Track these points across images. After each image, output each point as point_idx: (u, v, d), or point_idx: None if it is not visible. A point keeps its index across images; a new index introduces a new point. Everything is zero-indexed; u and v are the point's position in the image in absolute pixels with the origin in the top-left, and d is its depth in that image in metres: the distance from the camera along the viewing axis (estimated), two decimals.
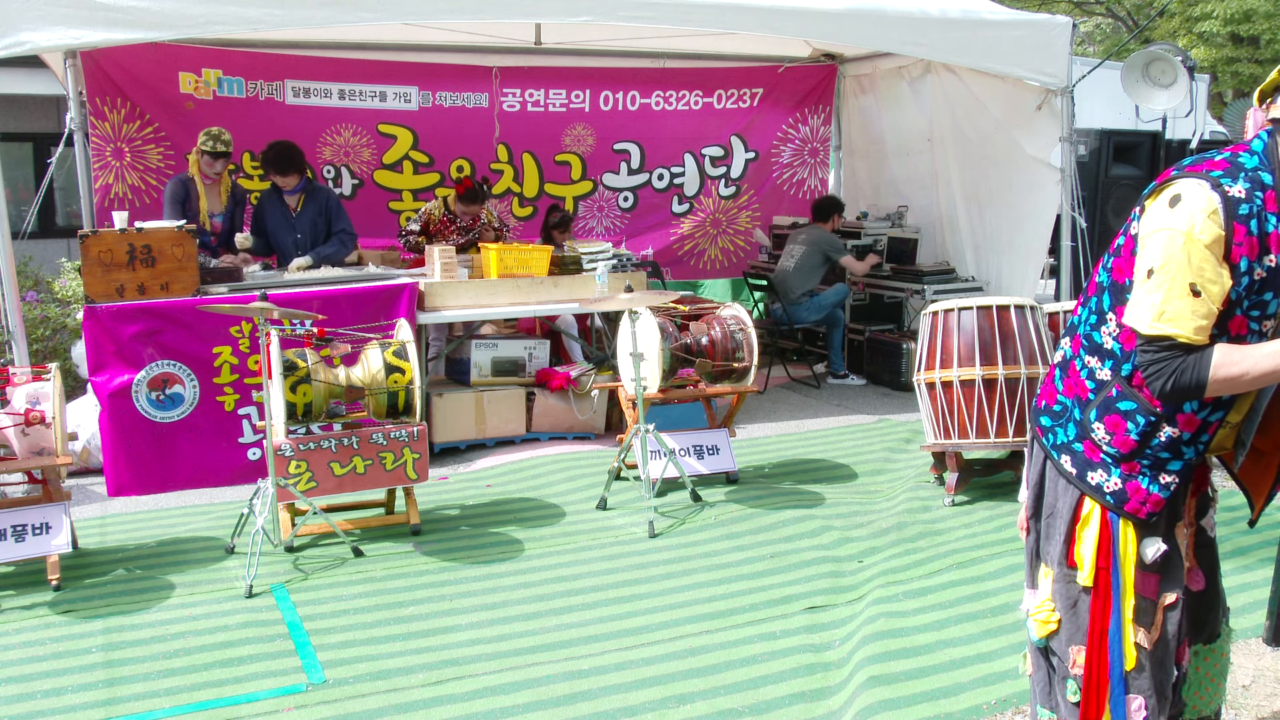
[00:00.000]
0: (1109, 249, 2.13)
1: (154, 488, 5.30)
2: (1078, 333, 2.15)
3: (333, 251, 6.23)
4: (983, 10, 6.42)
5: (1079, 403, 2.14)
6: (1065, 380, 2.17)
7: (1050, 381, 2.21)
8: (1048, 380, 2.23)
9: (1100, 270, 2.13)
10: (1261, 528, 4.61)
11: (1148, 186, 2.06)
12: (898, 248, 8.06)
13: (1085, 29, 21.59)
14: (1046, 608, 2.20)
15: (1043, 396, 2.23)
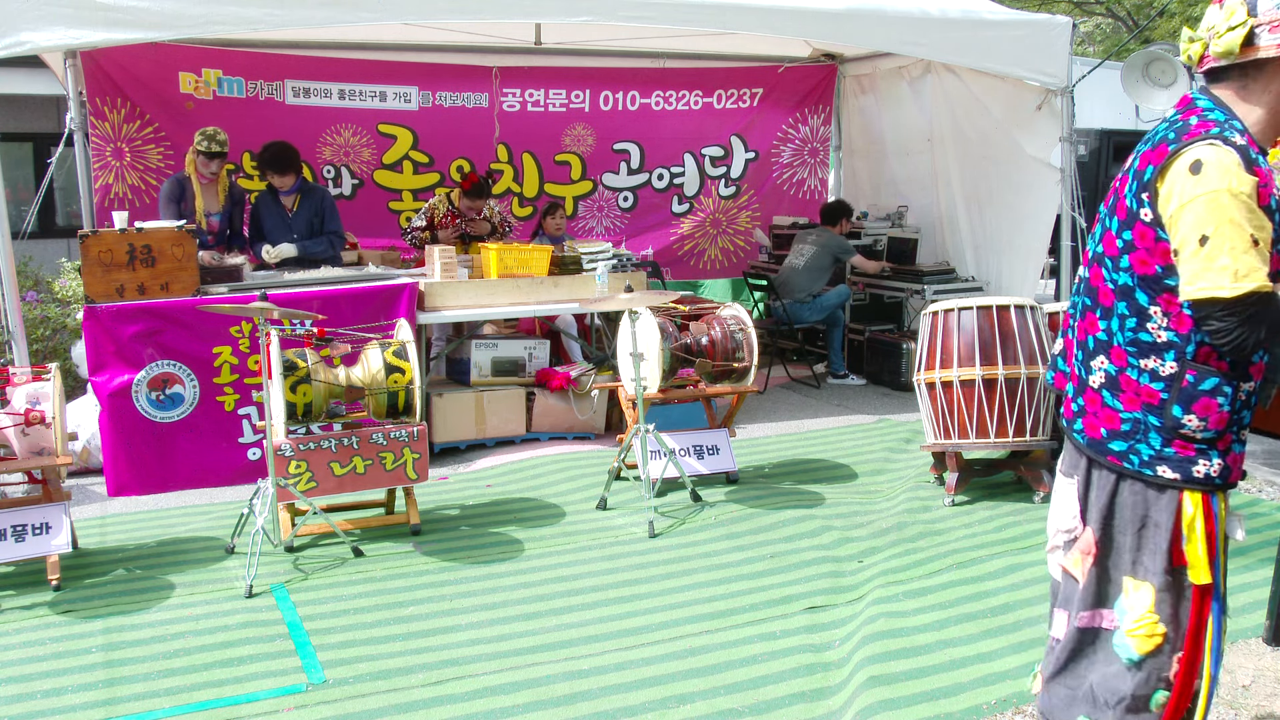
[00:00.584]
0: (1106, 253, 2.12)
1: (154, 488, 5.30)
2: (1114, 345, 2.10)
3: (319, 250, 6.22)
4: (983, 10, 6.42)
5: (1151, 409, 2.08)
6: (1122, 397, 2.10)
7: (1099, 407, 2.14)
8: (1094, 407, 2.15)
9: (1110, 275, 2.10)
10: (1261, 528, 4.62)
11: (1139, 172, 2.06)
12: (898, 248, 8.06)
13: (1085, 29, 21.60)
14: (1149, 621, 2.12)
15: (1098, 424, 2.14)
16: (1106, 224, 2.13)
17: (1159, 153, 2.03)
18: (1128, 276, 2.07)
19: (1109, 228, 2.12)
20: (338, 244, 6.35)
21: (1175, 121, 2.06)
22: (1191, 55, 2.09)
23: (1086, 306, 2.17)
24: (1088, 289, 2.17)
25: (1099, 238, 2.15)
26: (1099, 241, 2.15)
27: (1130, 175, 2.07)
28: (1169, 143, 2.01)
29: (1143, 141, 2.13)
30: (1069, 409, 2.23)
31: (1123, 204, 2.08)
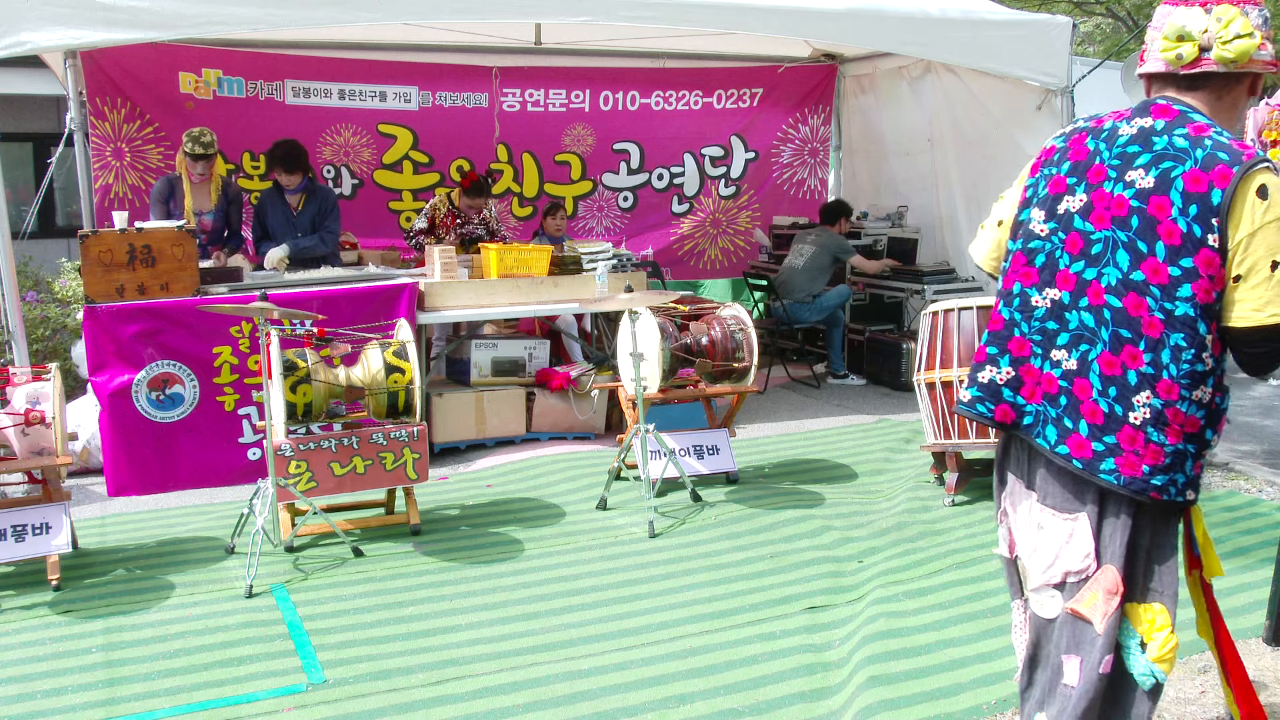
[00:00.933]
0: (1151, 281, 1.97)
1: (154, 488, 5.30)
2: (1163, 379, 1.97)
3: (310, 245, 6.22)
4: (983, 10, 6.42)
5: (1191, 439, 2.02)
6: (1168, 431, 2.00)
7: (1142, 445, 2.00)
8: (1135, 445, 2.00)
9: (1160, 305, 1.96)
10: (1261, 528, 4.62)
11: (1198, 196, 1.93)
12: (898, 248, 8.06)
13: (1085, 29, 21.59)
14: (1172, 642, 2.09)
15: (1141, 463, 2.00)
16: (1132, 250, 1.97)
17: (1216, 176, 1.92)
18: (1188, 306, 1.94)
19: (1149, 253, 1.95)
20: (329, 241, 6.33)
21: (1176, 139, 1.98)
22: (1183, 55, 2.00)
23: (1124, 339, 1.98)
24: (1123, 320, 1.98)
25: (1131, 267, 1.98)
26: (1137, 262, 1.97)
27: (1171, 197, 1.94)
28: (1224, 165, 1.92)
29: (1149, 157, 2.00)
30: (1084, 450, 2.05)
31: (1172, 227, 1.94)
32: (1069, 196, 2.09)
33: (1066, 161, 2.12)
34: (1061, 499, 2.12)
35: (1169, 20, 2.03)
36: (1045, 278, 2.10)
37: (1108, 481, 2.03)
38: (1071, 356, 2.06)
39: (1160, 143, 2.00)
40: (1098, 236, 2.03)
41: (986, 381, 2.17)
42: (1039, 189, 2.15)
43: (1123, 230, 2.00)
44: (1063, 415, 2.08)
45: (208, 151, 5.85)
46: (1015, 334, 2.14)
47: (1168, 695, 3.18)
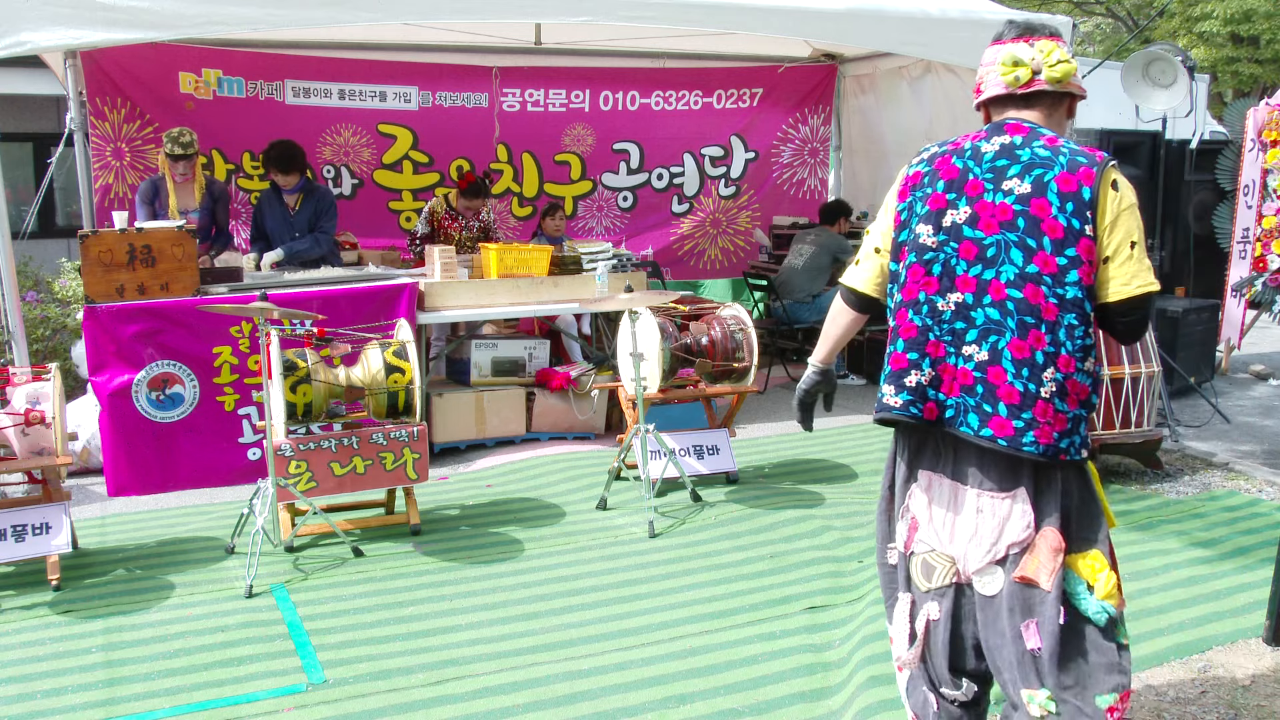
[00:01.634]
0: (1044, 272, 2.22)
1: (154, 488, 5.30)
2: (1062, 355, 2.22)
3: (304, 248, 6.23)
4: (983, 10, 6.42)
5: (1083, 404, 2.27)
6: (1069, 400, 2.24)
7: (1051, 414, 2.22)
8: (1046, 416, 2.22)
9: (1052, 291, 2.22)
10: (1261, 528, 4.62)
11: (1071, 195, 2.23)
12: None
13: (1085, 29, 21.58)
14: (1113, 579, 2.28)
15: (1051, 430, 2.22)
16: (1022, 247, 2.23)
17: (1082, 177, 2.22)
18: (1076, 289, 2.21)
19: (1039, 248, 2.22)
20: (324, 241, 6.33)
21: (1039, 149, 2.28)
22: (1019, 77, 2.33)
23: (1029, 325, 2.22)
24: (1023, 310, 2.22)
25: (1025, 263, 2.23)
26: (1029, 258, 2.23)
27: (1049, 199, 2.22)
28: (1084, 175, 2.23)
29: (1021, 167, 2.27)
30: (1005, 429, 2.23)
31: (1053, 224, 2.21)
32: (952, 210, 2.32)
33: (940, 181, 2.36)
34: (999, 480, 2.30)
35: (1003, 52, 2.36)
36: (945, 284, 2.31)
37: (1029, 453, 2.23)
38: (982, 349, 2.27)
39: (1025, 154, 2.28)
40: (989, 241, 2.27)
41: (914, 385, 2.34)
42: (916, 209, 2.39)
43: (1011, 232, 2.25)
44: (981, 402, 2.27)
45: (187, 152, 5.85)
46: (930, 338, 2.33)
47: (1167, 696, 3.19)
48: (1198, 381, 7.25)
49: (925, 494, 2.41)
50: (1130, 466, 5.60)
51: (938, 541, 2.38)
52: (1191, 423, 6.53)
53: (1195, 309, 7.26)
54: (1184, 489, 5.22)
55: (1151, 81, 6.58)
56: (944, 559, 2.37)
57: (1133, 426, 5.21)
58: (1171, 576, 4.09)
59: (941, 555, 2.37)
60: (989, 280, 2.26)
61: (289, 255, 6.14)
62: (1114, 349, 5.21)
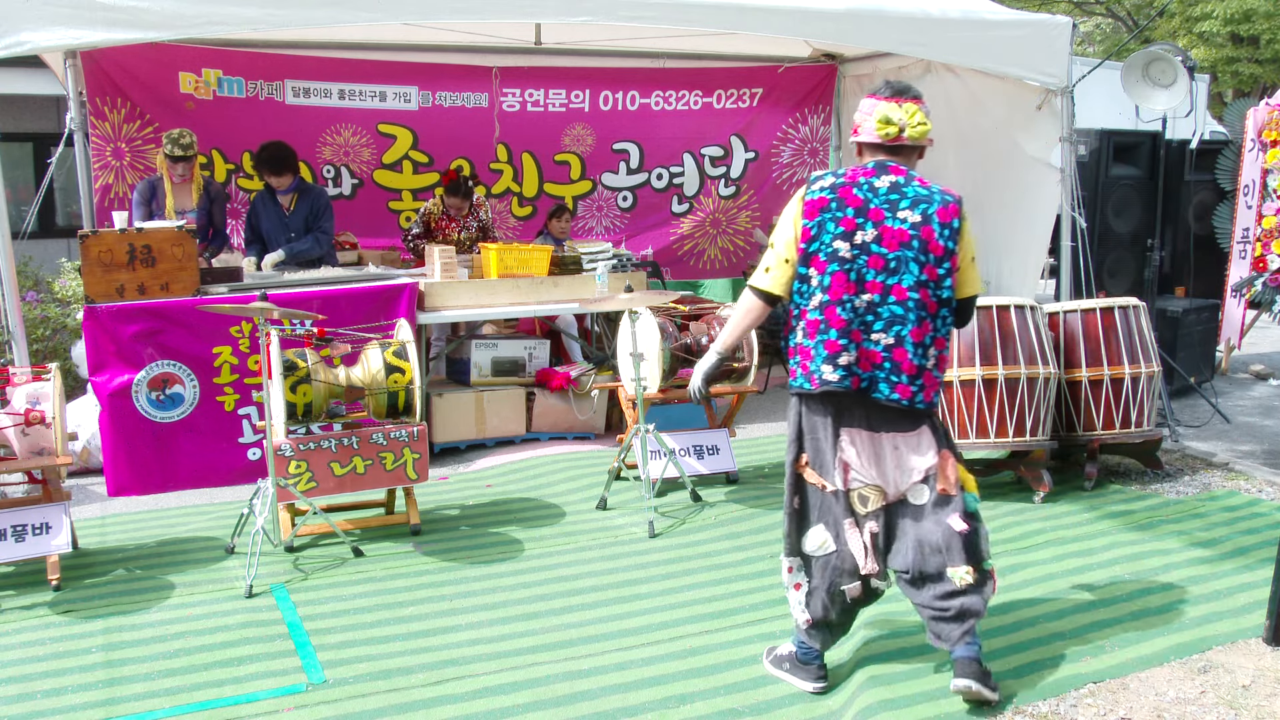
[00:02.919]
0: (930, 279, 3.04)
1: (154, 488, 5.30)
2: (938, 337, 3.09)
3: (305, 248, 6.23)
4: (983, 10, 6.42)
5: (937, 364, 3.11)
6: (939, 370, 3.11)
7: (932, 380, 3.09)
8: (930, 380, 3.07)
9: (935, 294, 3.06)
10: (1261, 528, 4.62)
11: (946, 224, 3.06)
12: None
13: (1085, 29, 21.58)
14: (971, 479, 3.17)
15: (932, 391, 3.08)
16: (917, 262, 3.03)
17: (951, 211, 3.06)
18: (949, 291, 3.07)
19: (927, 263, 3.03)
20: (324, 241, 6.34)
21: (917, 189, 3.08)
22: (890, 133, 3.07)
23: (921, 318, 3.04)
24: (918, 308, 3.03)
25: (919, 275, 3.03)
26: (922, 271, 3.03)
27: (934, 228, 3.03)
28: (952, 211, 3.06)
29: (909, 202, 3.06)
30: (906, 392, 3.05)
31: (936, 246, 3.03)
32: (860, 231, 3.05)
33: (848, 207, 3.06)
34: (903, 425, 3.12)
35: (876, 110, 3.10)
36: (859, 288, 3.06)
37: (920, 408, 3.08)
38: (889, 335, 3.05)
39: (910, 191, 3.07)
40: (892, 256, 3.04)
41: (845, 364, 3.06)
42: (828, 227, 3.06)
43: (908, 250, 3.04)
44: (890, 375, 3.06)
45: (187, 153, 5.85)
46: (854, 328, 3.06)
47: (1167, 696, 3.19)
48: (1198, 381, 7.25)
49: (852, 446, 3.12)
50: (1130, 466, 5.60)
51: (868, 477, 3.12)
52: (1191, 423, 6.53)
53: (1195, 309, 7.26)
54: (1184, 489, 5.22)
55: (1151, 81, 6.57)
56: (874, 489, 3.13)
57: (1133, 426, 5.21)
58: (1171, 576, 4.09)
59: (872, 487, 3.13)
60: (893, 285, 3.04)
61: (290, 255, 6.14)
62: (1114, 350, 5.21)
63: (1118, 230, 6.90)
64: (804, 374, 3.09)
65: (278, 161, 6.13)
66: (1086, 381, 5.22)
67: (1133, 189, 6.93)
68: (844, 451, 3.12)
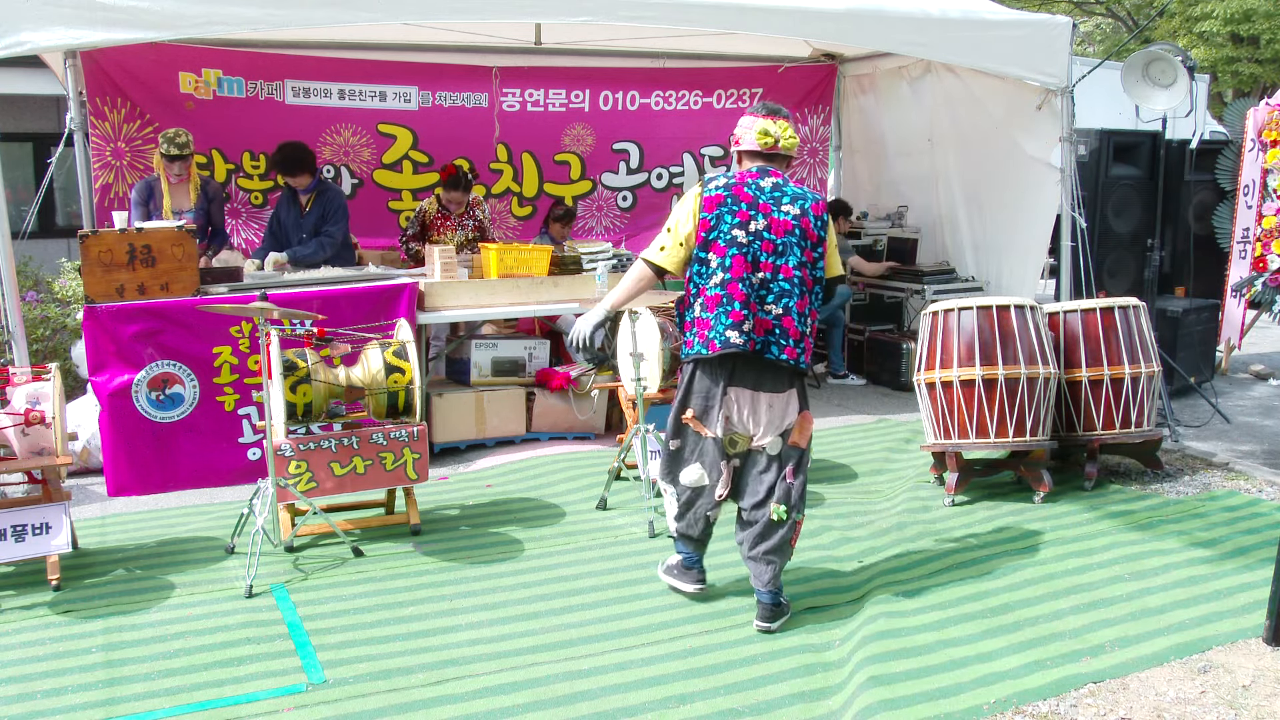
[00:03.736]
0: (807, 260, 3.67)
1: (154, 488, 5.30)
2: (813, 310, 3.71)
3: (309, 253, 6.23)
4: (983, 10, 6.42)
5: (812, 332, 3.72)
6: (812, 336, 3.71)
7: (808, 343, 3.69)
8: (808, 344, 3.68)
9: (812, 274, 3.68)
10: (1261, 528, 4.62)
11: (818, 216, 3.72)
12: (898, 248, 8.06)
13: (1085, 29, 21.58)
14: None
15: (807, 353, 3.68)
16: (799, 246, 3.64)
17: (821, 207, 3.72)
18: (821, 271, 3.71)
19: (806, 247, 3.66)
20: (328, 245, 6.31)
21: (794, 189, 3.71)
22: (768, 143, 3.69)
23: (803, 293, 3.65)
24: (801, 284, 3.64)
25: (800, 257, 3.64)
26: (802, 254, 3.65)
27: (810, 219, 3.67)
28: (822, 206, 3.72)
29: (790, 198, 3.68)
30: (792, 353, 3.63)
31: (812, 234, 3.67)
32: (754, 220, 3.63)
33: (741, 202, 3.64)
34: (778, 387, 3.70)
35: (756, 124, 3.72)
36: (754, 267, 3.63)
37: (801, 367, 3.69)
38: (779, 306, 3.63)
39: (789, 190, 3.69)
40: (780, 242, 3.64)
41: (747, 330, 3.60)
42: (725, 219, 3.64)
43: (792, 237, 3.65)
44: (779, 339, 3.63)
45: (183, 152, 5.85)
46: (751, 300, 3.61)
47: (1167, 696, 3.19)
48: (1198, 381, 7.25)
49: (735, 402, 3.70)
50: (1130, 466, 5.61)
51: (742, 427, 3.72)
52: (1191, 423, 6.53)
53: (1195, 309, 7.26)
54: (1184, 489, 5.22)
55: (1151, 81, 6.57)
56: (744, 436, 3.73)
57: (1133, 426, 5.21)
58: (1171, 576, 4.09)
59: (742, 435, 3.72)
60: (781, 265, 3.63)
61: (292, 260, 6.14)
62: (1114, 350, 5.21)
63: (1118, 230, 6.91)
64: (701, 342, 3.65)
65: (292, 162, 6.15)
66: (1086, 381, 5.22)
67: (1133, 189, 6.93)
68: (729, 406, 3.70)
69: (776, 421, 3.70)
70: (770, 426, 3.70)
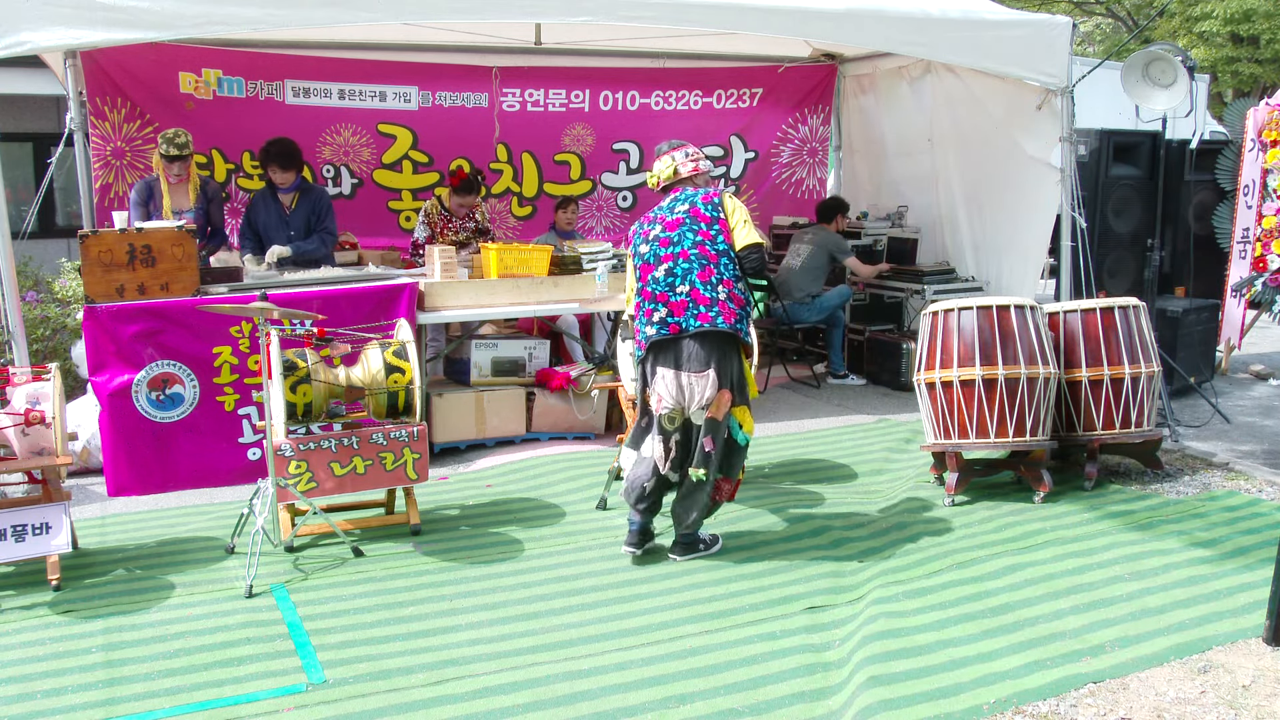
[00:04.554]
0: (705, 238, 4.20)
1: (154, 488, 5.30)
2: (725, 279, 4.18)
3: (311, 248, 6.26)
4: (983, 10, 6.42)
5: (744, 309, 4.23)
6: (734, 303, 4.16)
7: (725, 308, 4.13)
8: (724, 309, 4.12)
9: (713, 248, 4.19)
10: (1261, 528, 4.62)
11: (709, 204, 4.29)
12: (898, 248, 8.05)
13: (1085, 29, 21.59)
14: (749, 421, 4.31)
15: (728, 318, 4.13)
16: (692, 230, 4.21)
17: (710, 196, 4.29)
18: (722, 244, 4.20)
19: (700, 228, 4.21)
20: (330, 242, 6.37)
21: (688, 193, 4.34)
22: (655, 184, 4.45)
23: (703, 264, 4.15)
24: (699, 258, 4.16)
25: (695, 237, 4.20)
26: (696, 234, 4.20)
27: (698, 207, 4.26)
28: (712, 195, 4.30)
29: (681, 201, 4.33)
30: (706, 318, 4.10)
31: (703, 216, 4.22)
32: (653, 230, 4.30)
33: (644, 224, 4.36)
34: (697, 366, 4.15)
35: (665, 160, 4.44)
36: (655, 265, 4.23)
37: (722, 328, 4.12)
38: (685, 284, 4.15)
39: (682, 197, 4.34)
40: (673, 235, 4.23)
41: (660, 319, 4.18)
42: (636, 241, 4.36)
43: (684, 227, 4.23)
44: (693, 311, 4.13)
45: (182, 153, 5.85)
46: (659, 292, 4.18)
47: (1167, 696, 3.19)
48: (1198, 381, 7.25)
49: (663, 381, 4.20)
50: (1130, 466, 5.61)
51: (673, 402, 4.20)
52: (1191, 423, 6.53)
53: (1195, 309, 7.26)
54: (1184, 489, 5.22)
55: (1151, 81, 6.57)
56: (677, 411, 4.22)
57: (1133, 426, 5.21)
58: (1171, 576, 4.09)
59: (675, 410, 4.22)
60: (678, 251, 4.19)
61: (296, 254, 6.15)
62: (1114, 350, 5.21)
63: (1118, 230, 6.91)
64: (636, 345, 4.33)
65: (286, 156, 6.16)
66: (1086, 381, 5.22)
67: (1133, 189, 6.93)
68: (658, 385, 4.24)
69: (698, 398, 4.17)
70: (693, 402, 4.19)
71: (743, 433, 4.27)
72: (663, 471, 4.28)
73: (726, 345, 4.18)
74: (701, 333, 4.11)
